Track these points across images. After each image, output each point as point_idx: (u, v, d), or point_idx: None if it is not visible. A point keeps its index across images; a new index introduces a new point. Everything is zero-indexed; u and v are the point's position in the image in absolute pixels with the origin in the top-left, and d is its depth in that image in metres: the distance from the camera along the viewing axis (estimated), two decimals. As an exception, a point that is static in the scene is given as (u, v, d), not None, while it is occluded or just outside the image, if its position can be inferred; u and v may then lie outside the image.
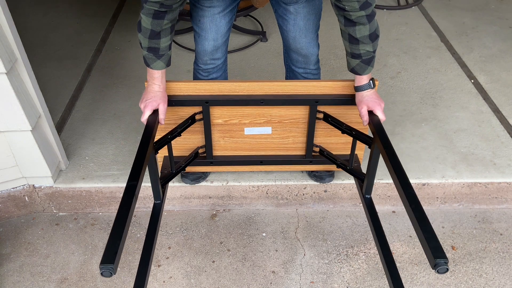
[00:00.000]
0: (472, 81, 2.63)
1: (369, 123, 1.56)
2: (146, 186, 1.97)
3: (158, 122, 1.57)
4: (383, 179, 1.98)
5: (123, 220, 1.14)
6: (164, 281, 1.76)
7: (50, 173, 1.92)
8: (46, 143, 1.90)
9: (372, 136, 1.54)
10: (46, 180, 1.95)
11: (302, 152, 1.91)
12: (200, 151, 1.87)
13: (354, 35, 1.44)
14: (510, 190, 2.02)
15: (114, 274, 1.05)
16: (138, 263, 1.37)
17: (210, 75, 1.84)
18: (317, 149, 1.88)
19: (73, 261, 1.83)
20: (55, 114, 2.33)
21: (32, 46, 2.96)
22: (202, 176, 1.96)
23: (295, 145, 1.88)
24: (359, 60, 1.50)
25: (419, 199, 2.04)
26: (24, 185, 1.96)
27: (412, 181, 1.97)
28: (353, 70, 1.55)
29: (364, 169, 1.80)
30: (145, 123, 1.53)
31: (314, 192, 2.01)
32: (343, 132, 1.69)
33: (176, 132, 1.66)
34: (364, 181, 1.64)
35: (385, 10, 3.49)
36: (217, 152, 1.89)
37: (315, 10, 1.69)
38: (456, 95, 2.51)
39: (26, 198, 1.98)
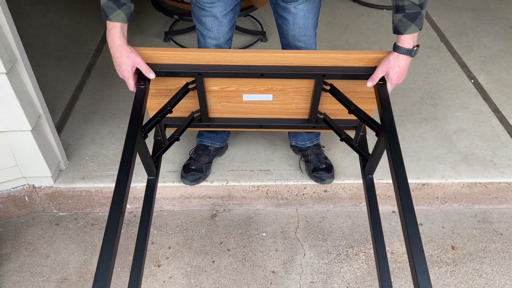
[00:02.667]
0: (472, 81, 2.63)
1: (377, 96, 1.41)
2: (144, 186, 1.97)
3: (149, 81, 1.45)
4: (383, 179, 1.98)
5: (109, 249, 1.07)
6: (164, 281, 1.76)
7: (50, 173, 1.92)
8: (46, 143, 1.90)
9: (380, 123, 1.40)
10: (46, 180, 1.95)
11: (305, 117, 1.76)
12: (196, 115, 1.73)
13: None
14: (510, 190, 2.02)
15: None
16: (135, 246, 1.37)
17: None
18: (321, 117, 1.71)
19: (73, 261, 1.83)
20: (55, 114, 2.33)
21: (32, 46, 2.96)
22: (202, 177, 1.96)
23: (298, 111, 1.73)
24: (402, 14, 1.30)
25: (419, 199, 2.05)
26: (24, 185, 1.96)
27: (412, 181, 1.98)
28: (396, 30, 1.34)
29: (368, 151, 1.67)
30: (134, 89, 1.42)
31: (314, 192, 2.01)
32: (350, 112, 1.52)
33: (165, 110, 1.51)
34: (368, 161, 1.53)
35: (385, 10, 3.49)
36: (214, 115, 1.75)
37: (314, 9, 1.68)
38: (456, 95, 2.51)
39: (26, 198, 1.98)
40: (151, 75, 1.43)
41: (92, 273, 1.79)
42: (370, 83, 1.43)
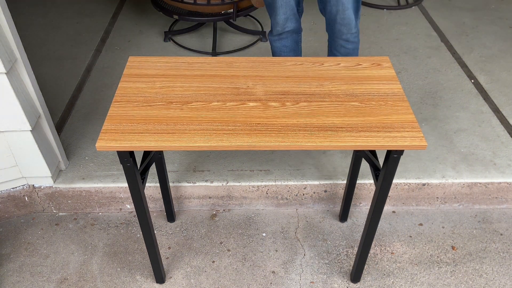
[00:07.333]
0: (472, 81, 2.63)
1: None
2: (149, 186, 1.97)
3: (133, 158, 1.30)
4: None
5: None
6: (164, 281, 1.75)
7: (50, 173, 1.92)
8: (46, 143, 1.90)
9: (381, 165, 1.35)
10: (46, 180, 1.95)
11: None
12: None
13: None
14: (510, 190, 2.02)
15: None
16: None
17: (282, 41, 2.04)
18: None
19: (73, 261, 1.83)
20: (55, 114, 2.33)
21: (32, 46, 2.96)
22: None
23: None
24: None
25: (419, 199, 2.05)
26: (24, 185, 1.96)
27: (412, 181, 1.98)
28: None
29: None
30: None
31: (314, 192, 2.01)
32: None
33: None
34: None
35: (385, 10, 3.49)
36: None
37: None
38: (456, 95, 2.51)
39: (26, 198, 1.98)
40: None
41: (91, 273, 1.79)
42: None
